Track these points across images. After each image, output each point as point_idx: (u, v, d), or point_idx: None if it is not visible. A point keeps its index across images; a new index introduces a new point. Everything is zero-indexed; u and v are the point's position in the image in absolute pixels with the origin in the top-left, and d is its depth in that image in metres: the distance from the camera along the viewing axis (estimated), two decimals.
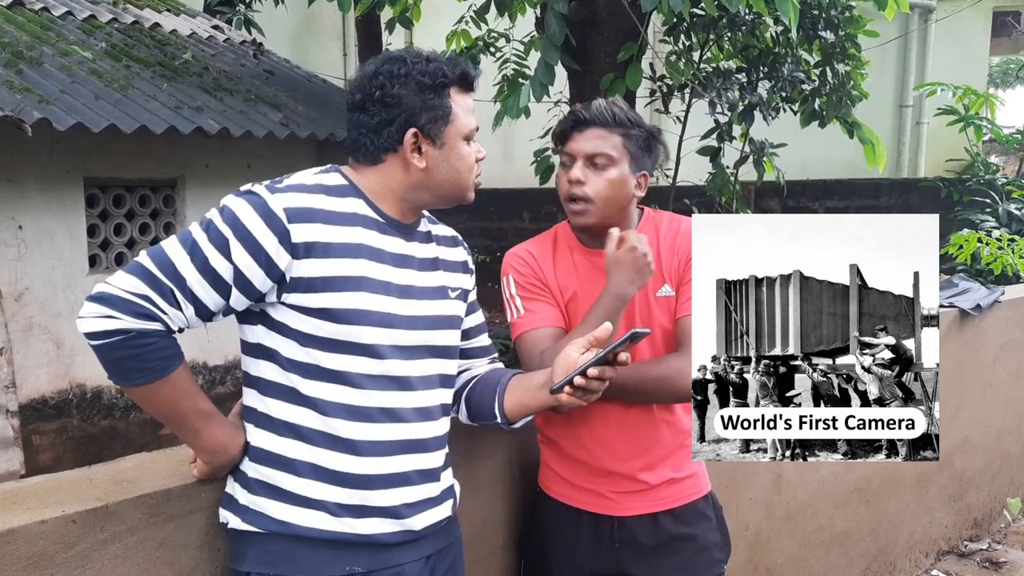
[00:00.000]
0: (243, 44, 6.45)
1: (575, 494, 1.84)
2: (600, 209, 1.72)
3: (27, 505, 1.36)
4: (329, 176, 1.44)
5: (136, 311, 1.29)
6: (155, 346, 1.31)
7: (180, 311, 1.33)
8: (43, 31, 4.89)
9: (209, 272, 1.32)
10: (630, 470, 1.79)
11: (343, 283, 1.36)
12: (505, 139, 10.06)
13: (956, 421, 3.44)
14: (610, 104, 1.75)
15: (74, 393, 4.63)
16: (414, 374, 1.45)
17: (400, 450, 1.43)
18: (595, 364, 1.38)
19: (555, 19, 3.86)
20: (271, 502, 1.40)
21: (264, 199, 1.34)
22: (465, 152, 1.47)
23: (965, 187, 8.07)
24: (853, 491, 3.00)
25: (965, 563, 3.52)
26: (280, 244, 1.33)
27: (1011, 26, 10.78)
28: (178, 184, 5.10)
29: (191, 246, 1.33)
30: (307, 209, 1.36)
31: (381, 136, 1.42)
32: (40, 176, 4.43)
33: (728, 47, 5.35)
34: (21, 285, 4.39)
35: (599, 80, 4.22)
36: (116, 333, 1.29)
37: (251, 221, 1.33)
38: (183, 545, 1.45)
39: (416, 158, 1.43)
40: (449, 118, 1.43)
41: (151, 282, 1.30)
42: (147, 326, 1.30)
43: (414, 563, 1.46)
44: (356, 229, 1.40)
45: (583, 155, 1.71)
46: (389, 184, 1.45)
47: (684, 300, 1.73)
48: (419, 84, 1.41)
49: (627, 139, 1.72)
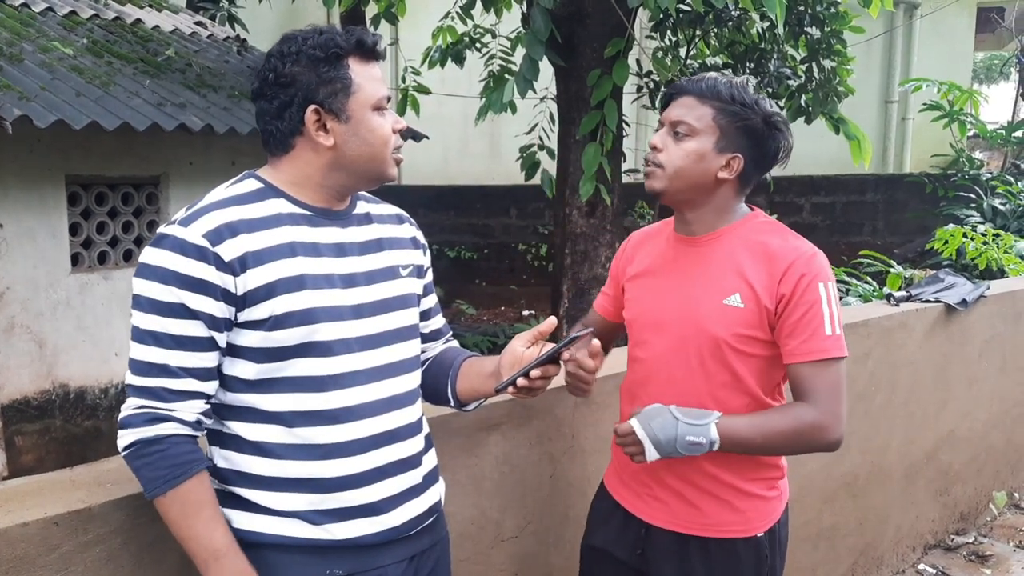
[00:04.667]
0: (227, 40, 6.40)
1: (617, 485, 1.81)
2: (669, 177, 1.60)
3: (8, 508, 1.34)
4: (243, 184, 1.38)
5: (143, 420, 1.29)
6: (165, 453, 1.28)
7: (185, 398, 1.30)
8: (23, 27, 4.83)
9: (183, 342, 1.29)
10: (662, 477, 1.69)
11: (285, 285, 1.31)
12: (491, 135, 10.06)
13: (942, 415, 3.46)
14: (718, 77, 1.61)
15: (57, 393, 4.59)
16: (374, 364, 1.40)
17: (373, 445, 1.39)
18: (538, 365, 1.41)
19: (541, 14, 3.84)
20: (244, 514, 1.36)
21: (179, 237, 1.29)
22: (376, 123, 1.37)
23: (950, 182, 8.13)
24: (840, 486, 3.01)
25: (952, 556, 3.54)
26: (218, 271, 1.28)
27: (995, 22, 10.85)
28: (161, 182, 5.05)
29: (150, 336, 1.29)
30: (225, 225, 1.30)
31: (284, 120, 1.35)
32: (20, 174, 4.38)
33: (714, 43, 5.37)
34: (2, 284, 4.33)
35: (585, 76, 4.21)
36: (130, 446, 1.30)
37: (181, 264, 1.28)
38: (168, 547, 1.43)
39: (322, 136, 1.35)
40: (350, 89, 1.34)
41: (142, 392, 1.30)
42: (157, 431, 1.29)
43: (397, 564, 1.44)
44: (283, 229, 1.35)
45: (668, 122, 1.63)
46: (305, 171, 1.38)
47: (803, 337, 1.54)
48: (311, 58, 1.33)
49: (720, 114, 1.58)
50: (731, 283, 1.59)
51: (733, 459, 1.64)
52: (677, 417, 1.53)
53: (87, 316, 4.64)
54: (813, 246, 1.61)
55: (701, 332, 1.60)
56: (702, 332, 1.60)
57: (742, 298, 1.58)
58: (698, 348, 1.61)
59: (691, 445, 1.52)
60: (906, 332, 3.17)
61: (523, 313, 8.94)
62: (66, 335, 4.55)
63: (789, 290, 1.55)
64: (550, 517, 2.12)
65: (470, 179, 9.95)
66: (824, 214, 8.84)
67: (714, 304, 1.60)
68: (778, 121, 1.61)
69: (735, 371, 1.60)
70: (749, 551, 1.67)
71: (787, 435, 1.56)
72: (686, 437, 1.51)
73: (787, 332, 1.56)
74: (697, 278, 1.64)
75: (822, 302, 1.55)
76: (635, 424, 1.54)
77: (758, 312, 1.57)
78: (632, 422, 1.54)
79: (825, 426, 1.54)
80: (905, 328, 3.16)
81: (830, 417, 1.55)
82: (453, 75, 6.15)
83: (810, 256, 1.58)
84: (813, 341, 1.55)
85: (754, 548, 1.67)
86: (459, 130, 9.79)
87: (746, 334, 1.58)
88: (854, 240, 8.53)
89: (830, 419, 1.55)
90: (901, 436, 3.25)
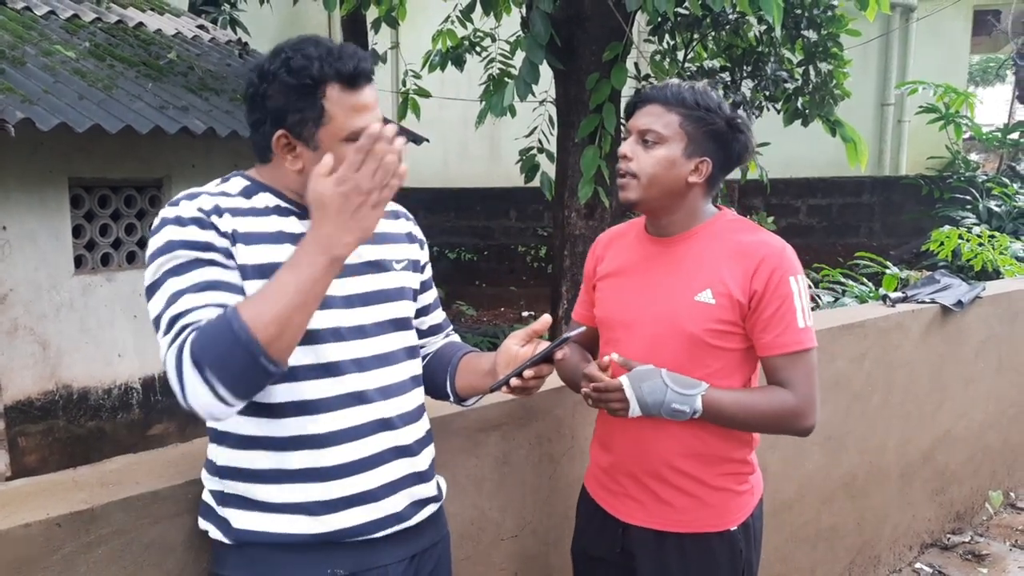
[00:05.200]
0: (228, 44, 6.42)
1: (596, 488, 1.84)
2: (644, 187, 1.64)
3: (10, 508, 1.34)
4: (231, 183, 1.39)
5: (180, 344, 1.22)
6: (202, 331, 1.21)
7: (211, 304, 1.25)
8: (25, 30, 4.85)
9: (213, 284, 1.26)
10: (638, 477, 1.73)
11: (270, 270, 1.27)
12: (491, 138, 10.08)
13: (938, 416, 3.48)
14: (680, 84, 1.66)
15: (60, 394, 4.61)
16: (366, 354, 1.40)
17: (368, 432, 1.40)
18: (532, 364, 1.43)
19: (540, 18, 3.87)
20: (245, 513, 1.37)
21: (177, 212, 1.30)
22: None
23: (946, 184, 8.16)
24: (839, 486, 3.03)
25: (948, 556, 3.56)
26: (219, 235, 1.29)
27: (991, 24, 10.88)
28: (164, 184, 5.07)
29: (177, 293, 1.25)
30: (216, 207, 1.32)
31: (259, 134, 1.35)
32: (23, 177, 4.40)
33: (712, 46, 5.39)
34: (5, 287, 4.36)
35: (584, 79, 4.23)
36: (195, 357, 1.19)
37: (184, 233, 1.28)
38: (170, 547, 1.44)
39: (289, 160, 1.33)
40: (320, 120, 1.29)
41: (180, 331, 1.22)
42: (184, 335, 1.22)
43: (397, 564, 1.45)
44: (271, 218, 1.36)
45: (636, 130, 1.66)
46: (282, 180, 1.38)
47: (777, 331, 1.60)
48: (283, 84, 1.29)
49: (687, 120, 1.62)
50: (703, 280, 1.63)
51: (702, 455, 1.69)
52: (667, 384, 1.58)
53: (90, 318, 4.66)
54: (782, 241, 1.66)
55: (675, 329, 1.64)
56: (676, 329, 1.64)
57: (714, 294, 1.62)
58: (673, 345, 1.64)
59: (675, 412, 1.58)
60: (902, 333, 3.19)
61: (523, 314, 8.96)
62: (69, 337, 4.57)
63: (762, 286, 1.60)
64: (550, 517, 2.13)
65: (470, 181, 9.97)
66: (820, 216, 8.87)
67: (686, 301, 1.63)
68: (740, 123, 1.65)
69: (708, 366, 1.64)
70: (723, 545, 1.71)
71: (767, 416, 1.62)
72: (672, 404, 1.57)
73: (761, 327, 1.61)
74: (669, 276, 1.68)
75: (793, 296, 1.61)
76: (624, 381, 1.57)
77: (731, 307, 1.61)
78: (623, 379, 1.57)
79: (803, 412, 1.62)
80: (901, 329, 3.18)
81: (808, 404, 1.62)
82: (453, 78, 6.17)
83: (780, 251, 1.62)
84: (788, 334, 1.60)
85: (728, 542, 1.71)
86: (459, 133, 9.81)
87: (719, 329, 1.62)
88: (850, 241, 8.56)
89: (808, 406, 1.62)
90: (898, 436, 3.27)
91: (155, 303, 1.28)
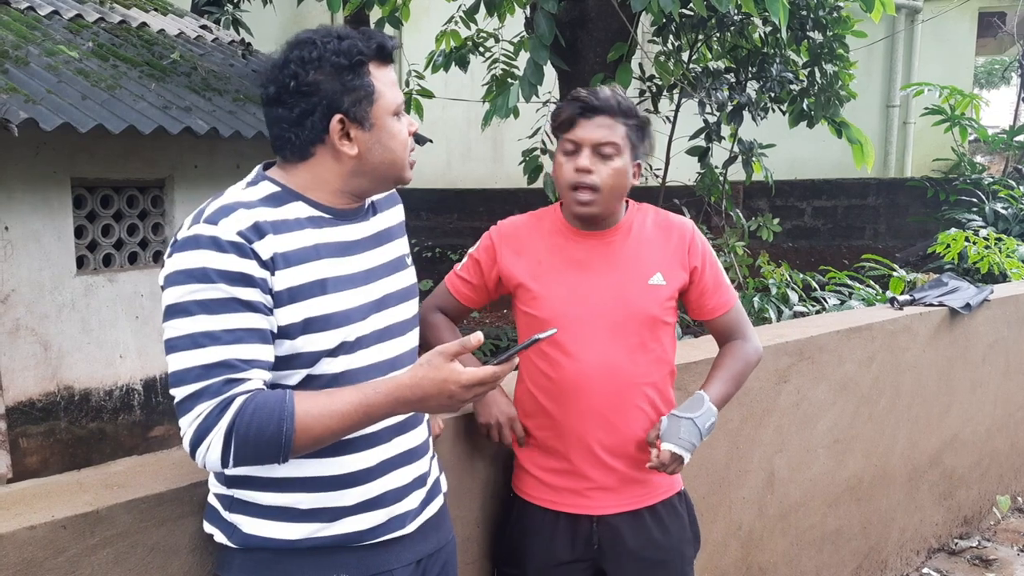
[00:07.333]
0: (232, 44, 6.41)
1: (551, 495, 1.81)
2: (606, 199, 1.70)
3: (15, 511, 1.33)
4: (259, 188, 1.34)
5: (217, 413, 1.20)
6: (258, 404, 1.21)
7: (247, 384, 1.22)
8: (29, 30, 4.84)
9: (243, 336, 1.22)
10: (608, 464, 1.76)
11: (309, 290, 1.29)
12: (494, 139, 10.07)
13: (946, 420, 3.46)
14: (614, 92, 1.72)
15: (62, 395, 4.59)
16: (384, 358, 1.39)
17: (383, 439, 1.39)
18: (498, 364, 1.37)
19: (544, 19, 3.86)
20: (252, 520, 1.36)
21: (213, 235, 1.23)
22: (396, 129, 1.36)
23: (952, 187, 8.13)
24: (845, 490, 3.01)
25: (955, 560, 3.54)
26: (259, 266, 1.25)
27: (996, 26, 10.86)
28: (167, 185, 5.06)
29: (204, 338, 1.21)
30: (254, 225, 1.26)
31: (304, 128, 1.31)
32: (26, 177, 4.39)
33: (717, 47, 5.37)
34: (7, 287, 4.35)
35: (588, 80, 4.22)
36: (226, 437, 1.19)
37: (222, 261, 1.22)
38: (174, 550, 1.43)
39: (346, 145, 1.32)
40: (373, 97, 1.32)
41: (201, 396, 1.20)
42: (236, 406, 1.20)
43: (404, 568, 1.44)
44: (306, 232, 1.32)
45: (591, 143, 1.67)
46: (323, 177, 1.35)
47: (718, 293, 1.83)
48: (335, 66, 1.29)
49: (629, 129, 1.71)
50: (650, 265, 1.77)
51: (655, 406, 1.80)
52: (689, 417, 1.72)
53: (92, 318, 4.65)
54: (679, 215, 1.88)
55: (635, 314, 1.74)
56: (636, 313, 1.74)
57: (664, 276, 1.76)
58: (633, 328, 1.74)
59: (709, 428, 1.74)
60: (910, 336, 3.17)
61: None
62: (71, 337, 4.56)
63: (699, 261, 1.80)
64: None
65: (473, 182, 9.96)
66: (826, 218, 8.84)
67: (641, 286, 1.75)
68: (647, 122, 1.78)
69: (660, 341, 1.79)
70: (683, 503, 1.89)
71: (745, 372, 1.86)
72: (705, 425, 1.73)
73: (706, 293, 1.82)
74: (618, 267, 1.76)
75: (716, 262, 1.86)
76: (672, 447, 1.69)
77: (678, 284, 1.78)
78: (666, 447, 1.69)
79: (758, 348, 1.89)
80: (909, 332, 3.16)
81: (757, 341, 1.90)
82: (456, 79, 6.15)
83: (693, 227, 1.84)
84: (726, 293, 1.85)
85: (685, 500, 1.91)
86: (462, 134, 9.81)
87: (670, 307, 1.79)
88: (855, 244, 8.53)
89: (758, 342, 1.90)
90: (905, 440, 3.25)
91: (177, 328, 1.23)
